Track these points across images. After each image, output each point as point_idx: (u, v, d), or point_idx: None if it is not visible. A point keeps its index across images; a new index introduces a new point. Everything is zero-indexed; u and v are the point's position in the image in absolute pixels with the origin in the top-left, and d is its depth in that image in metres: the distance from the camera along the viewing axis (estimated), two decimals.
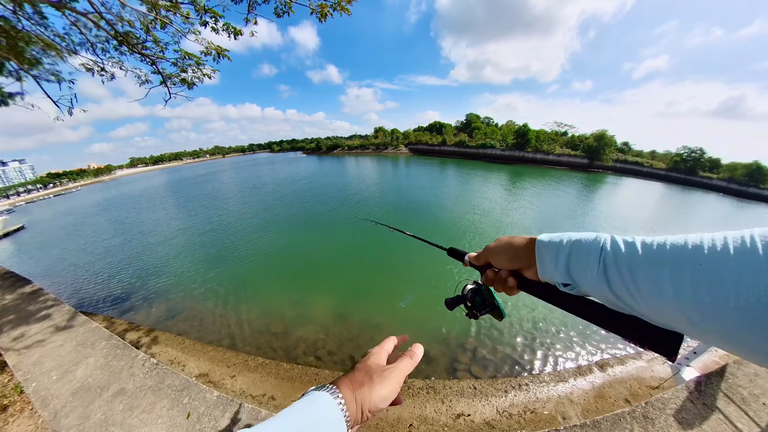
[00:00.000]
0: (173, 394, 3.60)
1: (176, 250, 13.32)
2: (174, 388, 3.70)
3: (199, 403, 3.44)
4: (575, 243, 0.52)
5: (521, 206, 19.58)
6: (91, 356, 4.38)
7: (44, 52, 4.88)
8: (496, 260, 0.65)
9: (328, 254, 11.49)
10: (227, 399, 3.48)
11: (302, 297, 8.33)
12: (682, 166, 50.86)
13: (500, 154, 65.60)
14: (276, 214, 18.87)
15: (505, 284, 0.64)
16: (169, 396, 3.58)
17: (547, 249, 0.55)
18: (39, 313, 5.77)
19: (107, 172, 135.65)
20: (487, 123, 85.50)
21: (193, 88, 5.77)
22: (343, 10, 4.50)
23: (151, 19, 4.66)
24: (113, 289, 9.74)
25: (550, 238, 0.56)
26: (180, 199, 30.14)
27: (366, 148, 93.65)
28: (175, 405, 3.44)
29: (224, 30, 4.89)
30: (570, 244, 0.52)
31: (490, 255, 0.66)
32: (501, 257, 0.63)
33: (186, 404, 3.44)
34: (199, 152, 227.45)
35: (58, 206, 39.80)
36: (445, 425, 4.06)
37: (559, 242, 0.54)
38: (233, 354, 6.11)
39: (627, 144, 61.95)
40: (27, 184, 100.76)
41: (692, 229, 16.73)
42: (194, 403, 3.44)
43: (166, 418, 3.28)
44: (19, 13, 4.37)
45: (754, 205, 32.70)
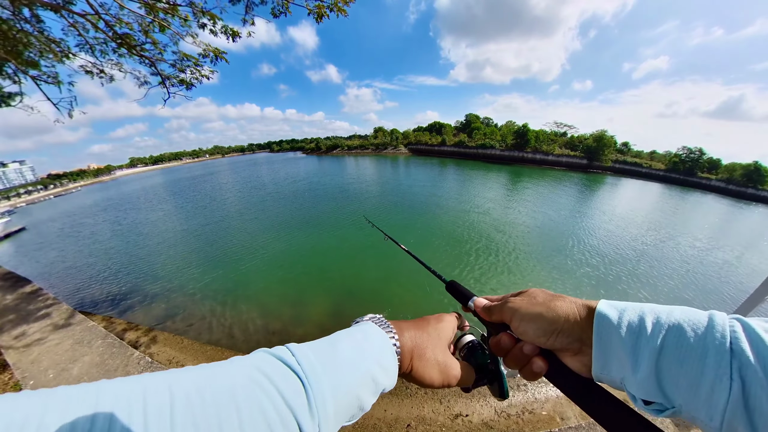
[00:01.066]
0: None
1: (175, 250, 13.33)
2: None
3: None
4: (674, 330, 0.32)
5: (521, 205, 19.59)
6: (87, 354, 4.40)
7: (42, 55, 4.91)
8: (521, 329, 0.44)
9: (326, 254, 11.50)
10: None
11: (300, 297, 8.33)
12: (681, 166, 50.89)
13: (499, 154, 65.63)
14: (275, 215, 18.87)
15: (526, 365, 0.44)
16: None
17: (616, 333, 0.35)
18: (38, 313, 5.80)
19: (107, 172, 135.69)
20: (486, 123, 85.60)
21: (192, 88, 5.79)
22: (340, 11, 4.52)
23: (149, 21, 4.69)
24: (113, 289, 9.74)
25: (622, 314, 0.36)
26: (180, 200, 30.15)
27: (365, 149, 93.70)
28: None
29: (222, 32, 4.91)
30: (663, 330, 0.33)
31: (512, 316, 0.46)
32: (530, 326, 0.43)
33: None
34: (198, 152, 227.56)
35: (58, 207, 39.80)
36: (443, 425, 4.07)
37: (639, 323, 0.35)
38: (231, 353, 6.07)
39: (626, 144, 62.02)
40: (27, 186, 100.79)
41: (693, 230, 16.74)
42: None
43: None
44: (17, 16, 4.39)
45: (752, 207, 32.70)
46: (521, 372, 0.45)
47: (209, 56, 5.14)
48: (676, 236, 14.93)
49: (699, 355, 0.29)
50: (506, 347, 0.46)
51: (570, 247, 11.87)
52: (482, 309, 0.53)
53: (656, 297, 8.44)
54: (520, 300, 0.46)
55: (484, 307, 0.53)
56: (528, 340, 0.44)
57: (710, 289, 9.38)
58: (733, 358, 0.28)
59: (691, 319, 0.32)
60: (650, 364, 0.32)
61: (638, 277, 9.62)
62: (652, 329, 0.33)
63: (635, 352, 0.33)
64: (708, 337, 0.30)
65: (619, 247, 12.43)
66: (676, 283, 9.49)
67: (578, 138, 63.40)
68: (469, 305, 0.57)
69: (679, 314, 0.34)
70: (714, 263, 11.62)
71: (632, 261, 10.91)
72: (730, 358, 0.28)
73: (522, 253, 11.02)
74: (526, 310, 0.44)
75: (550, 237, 13.18)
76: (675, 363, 0.31)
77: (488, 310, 0.51)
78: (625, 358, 0.34)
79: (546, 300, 0.44)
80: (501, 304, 0.48)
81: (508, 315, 0.46)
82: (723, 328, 0.30)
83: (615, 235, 14.21)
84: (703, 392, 0.28)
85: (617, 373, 0.35)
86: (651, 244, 13.27)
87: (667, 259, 11.48)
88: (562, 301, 0.43)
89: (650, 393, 0.32)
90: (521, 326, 0.44)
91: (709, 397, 0.28)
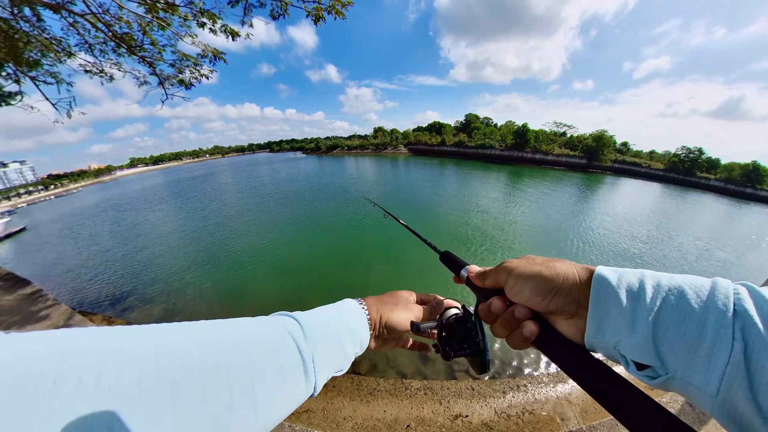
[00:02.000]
0: None
1: (175, 251, 13.32)
2: None
3: None
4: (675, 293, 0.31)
5: (522, 205, 19.59)
6: None
7: (42, 54, 4.90)
8: (516, 289, 0.42)
9: (325, 254, 11.50)
10: None
11: (300, 296, 8.34)
12: (680, 166, 50.94)
13: (499, 154, 65.68)
14: (275, 215, 18.87)
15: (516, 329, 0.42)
16: None
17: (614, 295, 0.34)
18: (38, 314, 5.78)
19: (107, 172, 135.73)
20: (486, 123, 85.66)
21: (191, 88, 5.78)
22: (338, 13, 4.51)
23: (149, 21, 4.68)
24: (113, 290, 9.73)
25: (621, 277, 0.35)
26: (179, 201, 30.14)
27: (365, 148, 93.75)
28: None
29: (222, 32, 4.91)
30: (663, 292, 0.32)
31: (507, 276, 0.44)
32: (526, 286, 0.41)
33: None
34: (198, 152, 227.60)
35: (59, 207, 39.80)
36: (442, 426, 4.06)
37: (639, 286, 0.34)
38: None
39: (626, 144, 62.09)
40: (28, 186, 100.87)
41: (693, 229, 16.75)
42: None
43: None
44: (17, 15, 4.38)
45: (751, 207, 32.71)
46: (509, 339, 0.43)
47: (208, 56, 5.14)
48: (677, 235, 14.93)
49: (700, 316, 0.28)
50: (496, 311, 0.44)
51: (570, 246, 11.87)
52: (476, 275, 0.51)
53: None
54: (518, 261, 0.45)
55: (478, 272, 0.51)
56: (522, 302, 0.42)
57: None
58: (736, 319, 0.27)
59: (694, 282, 0.32)
60: (647, 326, 0.31)
61: None
62: (653, 292, 0.33)
63: (633, 313, 0.32)
64: (710, 299, 0.29)
65: (619, 245, 12.43)
66: None
67: (578, 138, 63.46)
68: (462, 274, 0.54)
69: (681, 279, 0.33)
70: (714, 262, 11.62)
71: (633, 259, 10.90)
72: (732, 319, 0.27)
73: (522, 252, 11.00)
74: (524, 269, 0.42)
75: (550, 235, 13.19)
76: (674, 324, 0.30)
77: (482, 275, 0.49)
78: (622, 320, 0.33)
79: (545, 261, 0.42)
80: (497, 267, 0.47)
81: (503, 275, 0.45)
82: (726, 291, 0.29)
83: (615, 234, 14.22)
84: (702, 354, 0.27)
85: (612, 337, 0.34)
86: (651, 242, 13.27)
87: (667, 258, 11.48)
88: (561, 263, 0.41)
89: (645, 355, 0.31)
90: (517, 286, 0.42)
91: (707, 359, 0.27)
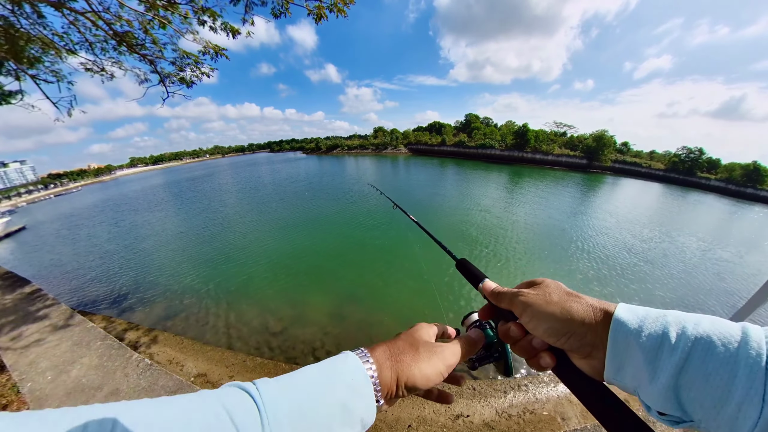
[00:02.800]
0: (166, 395, 3.57)
1: (175, 251, 13.30)
2: (167, 389, 3.69)
3: None
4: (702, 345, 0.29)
5: (522, 205, 19.56)
6: (86, 356, 4.37)
7: (43, 52, 4.88)
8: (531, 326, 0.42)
9: (326, 254, 11.47)
10: None
11: (301, 297, 8.31)
12: (680, 166, 50.88)
13: (499, 154, 65.63)
14: (276, 216, 18.85)
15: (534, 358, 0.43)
16: None
17: (635, 342, 0.32)
18: (37, 313, 5.76)
19: (107, 172, 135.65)
20: (486, 123, 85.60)
21: (192, 86, 5.76)
22: (340, 12, 4.49)
23: (150, 19, 4.66)
24: (113, 289, 9.72)
25: (642, 322, 0.33)
26: (179, 201, 30.12)
27: (365, 148, 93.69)
28: None
29: (222, 29, 4.88)
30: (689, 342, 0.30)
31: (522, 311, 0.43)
32: (541, 325, 0.40)
33: None
34: (199, 152, 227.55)
35: (59, 206, 39.77)
36: (443, 426, 4.04)
37: (662, 334, 0.31)
38: (231, 354, 6.10)
39: (626, 144, 62.02)
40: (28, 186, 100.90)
41: (694, 229, 16.72)
42: None
43: None
44: (17, 12, 4.36)
45: (752, 206, 32.67)
46: (528, 362, 0.45)
47: (209, 53, 5.11)
48: (678, 235, 14.91)
49: (728, 371, 0.27)
50: (515, 337, 0.45)
51: (571, 244, 11.84)
52: (491, 293, 0.51)
53: (656, 295, 8.41)
54: (534, 294, 0.43)
55: (494, 291, 0.51)
56: (538, 336, 0.42)
57: (712, 286, 9.35)
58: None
59: (722, 331, 0.29)
60: (670, 377, 0.29)
61: (640, 274, 9.60)
62: (677, 340, 0.30)
63: (655, 362, 0.31)
64: (741, 352, 0.27)
65: (620, 244, 12.41)
66: (676, 282, 9.46)
67: (578, 138, 63.41)
68: (480, 288, 0.54)
69: (708, 326, 0.31)
70: (717, 262, 11.59)
71: (632, 258, 10.88)
72: (765, 377, 0.25)
73: (523, 250, 11.00)
74: (539, 308, 0.41)
75: (552, 235, 13.16)
76: (699, 378, 0.28)
77: (497, 296, 0.49)
78: (643, 369, 0.31)
79: (561, 299, 0.40)
80: (512, 294, 0.46)
81: (519, 308, 0.44)
82: (759, 344, 0.27)
83: (616, 233, 14.20)
84: (729, 411, 0.26)
85: (631, 382, 0.33)
86: (652, 242, 13.25)
87: (668, 257, 11.46)
88: (577, 303, 0.39)
89: (667, 406, 0.30)
90: (532, 323, 0.42)
91: (734, 417, 0.26)
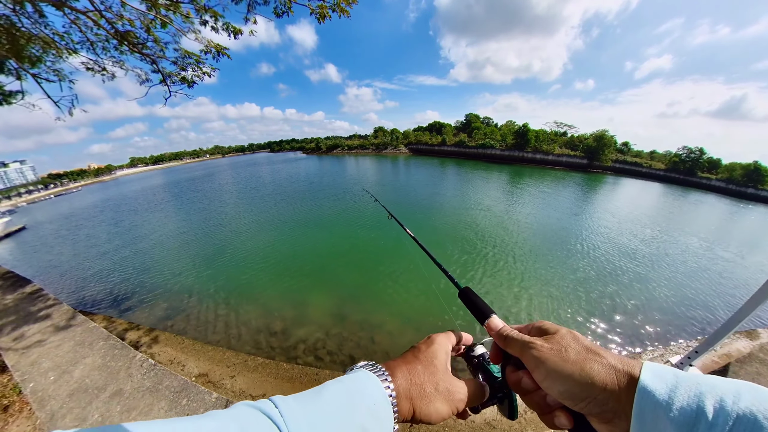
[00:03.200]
0: (171, 395, 3.57)
1: (176, 251, 13.30)
2: (172, 389, 3.67)
3: (198, 404, 3.42)
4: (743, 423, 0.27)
5: (524, 205, 19.55)
6: (89, 356, 4.36)
7: (44, 51, 4.87)
8: (545, 384, 0.38)
9: (327, 255, 11.47)
10: (226, 400, 3.46)
11: (302, 297, 8.30)
12: (681, 166, 50.81)
13: (500, 154, 65.56)
14: (276, 216, 18.85)
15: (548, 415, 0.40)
16: (167, 397, 3.55)
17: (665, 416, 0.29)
18: (38, 313, 5.75)
19: (107, 172, 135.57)
20: (486, 123, 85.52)
21: (193, 86, 5.76)
22: (343, 12, 4.49)
23: (152, 18, 4.65)
24: (113, 289, 9.71)
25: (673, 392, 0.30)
26: (179, 201, 30.11)
27: (366, 148, 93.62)
28: (173, 406, 3.41)
29: (224, 29, 4.88)
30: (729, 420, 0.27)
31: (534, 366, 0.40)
32: (557, 386, 0.37)
33: (185, 406, 3.41)
34: (199, 152, 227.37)
35: (59, 206, 39.75)
36: (445, 425, 4.03)
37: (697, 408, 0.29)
38: (233, 354, 6.09)
39: (627, 144, 61.94)
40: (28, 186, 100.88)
41: (697, 230, 16.70)
42: (193, 405, 3.41)
43: None
44: (19, 12, 4.35)
45: (753, 207, 32.64)
46: (540, 417, 0.41)
47: (211, 52, 5.11)
48: (679, 234, 14.89)
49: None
50: (527, 389, 0.41)
51: (573, 244, 11.83)
52: (497, 334, 0.47)
53: (659, 294, 8.40)
54: (548, 349, 0.39)
55: (501, 333, 0.47)
56: (553, 395, 0.38)
57: (714, 286, 9.33)
58: None
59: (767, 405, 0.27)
60: None
61: (642, 273, 9.58)
62: (714, 416, 0.27)
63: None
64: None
65: (622, 243, 12.40)
66: (679, 282, 9.45)
67: (578, 138, 63.34)
68: (487, 324, 0.50)
69: (750, 399, 0.28)
70: (718, 262, 11.58)
71: (634, 257, 10.87)
72: None
73: (528, 250, 10.98)
74: (555, 367, 0.37)
75: (553, 234, 13.15)
76: None
77: (505, 340, 0.45)
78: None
79: (579, 358, 0.36)
80: (523, 344, 0.42)
81: (531, 362, 0.40)
82: None
83: (617, 232, 14.18)
84: None
85: None
86: (653, 241, 13.23)
87: (670, 256, 11.44)
88: (598, 364, 0.35)
89: None
90: (546, 382, 0.38)
91: None
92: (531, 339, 0.42)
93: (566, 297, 8.15)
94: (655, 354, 6.07)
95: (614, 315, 7.44)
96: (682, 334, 6.85)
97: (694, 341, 6.55)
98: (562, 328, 0.43)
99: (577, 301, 7.95)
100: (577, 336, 0.40)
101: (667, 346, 6.40)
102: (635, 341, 6.53)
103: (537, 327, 0.46)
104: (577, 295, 8.25)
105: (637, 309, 7.77)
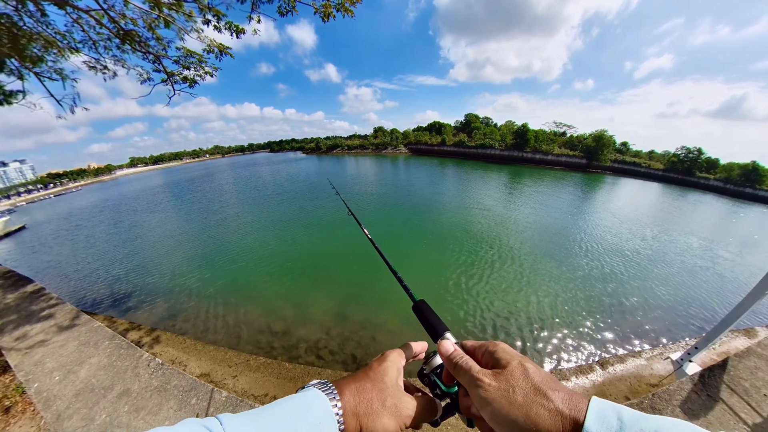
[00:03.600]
0: (180, 395, 3.57)
1: (177, 251, 13.29)
2: (181, 388, 3.67)
3: (208, 404, 3.42)
4: None
5: (524, 204, 19.58)
6: (95, 356, 4.35)
7: (46, 50, 4.87)
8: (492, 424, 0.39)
9: (328, 254, 11.48)
10: (237, 399, 3.46)
11: (303, 297, 8.31)
12: (679, 166, 50.98)
13: (499, 154, 65.63)
14: (277, 216, 18.84)
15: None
16: (176, 397, 3.55)
17: None
18: (41, 313, 5.74)
19: (107, 171, 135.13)
20: (486, 123, 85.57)
21: (195, 86, 5.76)
22: (347, 11, 4.50)
23: (155, 17, 4.65)
24: (114, 289, 9.70)
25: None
26: (179, 201, 30.06)
27: (365, 148, 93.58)
28: (182, 406, 3.41)
29: (227, 28, 4.88)
30: None
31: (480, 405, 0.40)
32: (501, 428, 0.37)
33: (194, 405, 3.41)
34: (199, 152, 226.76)
35: (58, 206, 39.63)
36: (447, 424, 4.05)
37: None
38: (235, 354, 6.10)
39: (626, 144, 62.10)
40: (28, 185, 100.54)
41: (696, 229, 16.76)
42: (202, 404, 3.41)
43: (174, 420, 3.24)
44: (21, 10, 4.35)
45: (751, 206, 32.77)
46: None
47: (214, 52, 5.11)
48: (678, 233, 14.95)
49: None
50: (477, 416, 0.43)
51: (573, 243, 11.87)
52: (447, 359, 0.47)
53: (658, 293, 8.45)
54: (494, 389, 0.38)
55: (450, 358, 0.46)
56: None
57: (713, 284, 9.38)
58: None
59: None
60: None
61: (642, 272, 9.63)
62: None
63: None
64: None
65: (622, 243, 12.44)
66: (678, 280, 9.49)
67: (578, 138, 63.48)
68: (437, 344, 0.50)
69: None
70: (717, 261, 11.64)
71: (634, 257, 10.91)
72: None
73: (525, 248, 11.01)
74: (500, 410, 0.37)
75: (553, 233, 13.19)
76: None
77: (454, 368, 0.45)
78: None
79: (526, 401, 0.36)
80: (470, 378, 0.42)
81: (477, 401, 0.40)
82: None
83: (616, 232, 14.23)
84: None
85: None
86: (653, 241, 13.29)
87: (669, 255, 11.49)
88: (545, 409, 0.35)
89: None
90: (491, 422, 0.38)
91: None
92: (479, 374, 0.41)
93: (567, 294, 8.19)
94: (655, 351, 6.11)
95: (615, 312, 7.49)
96: (682, 331, 6.90)
97: (694, 338, 6.60)
98: (513, 359, 0.42)
99: (576, 300, 7.99)
100: (527, 371, 0.40)
101: (667, 343, 6.45)
102: (636, 338, 6.57)
103: (490, 352, 0.45)
104: (578, 293, 8.30)
105: (638, 306, 7.83)
